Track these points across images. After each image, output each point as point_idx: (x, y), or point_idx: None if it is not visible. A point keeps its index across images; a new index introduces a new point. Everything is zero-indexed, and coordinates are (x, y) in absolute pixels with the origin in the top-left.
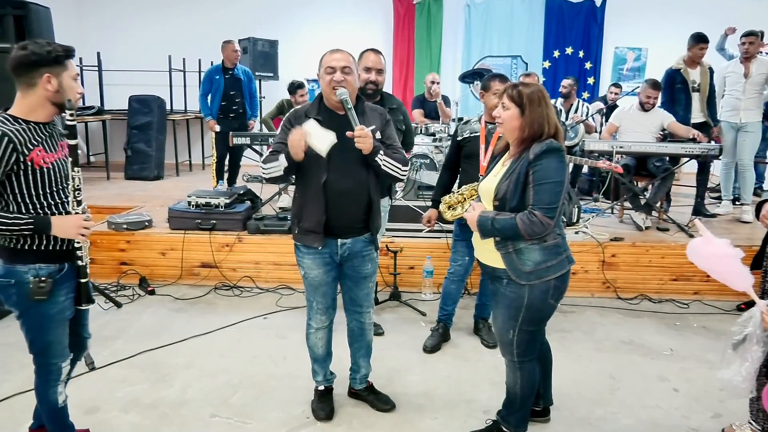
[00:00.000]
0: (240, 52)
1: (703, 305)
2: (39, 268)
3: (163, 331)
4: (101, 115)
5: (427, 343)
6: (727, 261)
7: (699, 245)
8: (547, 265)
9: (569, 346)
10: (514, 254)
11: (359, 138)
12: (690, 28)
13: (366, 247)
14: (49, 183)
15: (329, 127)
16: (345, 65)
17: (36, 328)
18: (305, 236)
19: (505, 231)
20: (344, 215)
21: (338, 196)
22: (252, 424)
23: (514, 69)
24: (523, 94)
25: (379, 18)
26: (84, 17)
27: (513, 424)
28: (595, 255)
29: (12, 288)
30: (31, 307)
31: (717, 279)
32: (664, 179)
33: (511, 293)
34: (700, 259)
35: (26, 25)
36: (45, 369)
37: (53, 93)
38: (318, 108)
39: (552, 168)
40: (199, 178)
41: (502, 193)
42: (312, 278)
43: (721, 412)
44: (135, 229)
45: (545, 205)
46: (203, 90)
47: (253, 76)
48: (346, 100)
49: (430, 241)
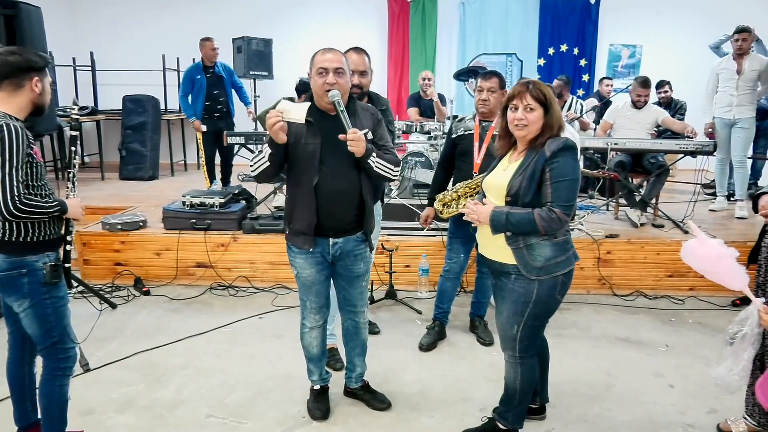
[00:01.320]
0: (218, 49)
1: (698, 301)
2: (47, 255)
3: (158, 331)
4: (95, 115)
5: (423, 341)
6: (722, 261)
7: (693, 247)
8: (557, 261)
9: (565, 343)
10: (525, 250)
11: (352, 141)
12: (684, 24)
13: (358, 246)
14: (42, 176)
15: (320, 129)
16: (338, 66)
17: (52, 313)
18: (296, 237)
19: (522, 226)
20: (336, 216)
21: (330, 198)
22: (248, 424)
23: (509, 66)
24: (546, 93)
25: (373, 16)
26: (77, 17)
27: (510, 421)
28: (590, 252)
29: (24, 278)
30: (44, 294)
31: (712, 280)
32: (659, 176)
33: (519, 288)
34: (695, 261)
35: (17, 24)
36: (64, 356)
37: (37, 95)
38: (309, 109)
39: (569, 165)
40: (194, 178)
41: (516, 189)
42: (305, 278)
43: (717, 408)
44: (130, 230)
45: (564, 202)
46: (184, 90)
47: (232, 70)
48: (338, 102)
49: (425, 239)
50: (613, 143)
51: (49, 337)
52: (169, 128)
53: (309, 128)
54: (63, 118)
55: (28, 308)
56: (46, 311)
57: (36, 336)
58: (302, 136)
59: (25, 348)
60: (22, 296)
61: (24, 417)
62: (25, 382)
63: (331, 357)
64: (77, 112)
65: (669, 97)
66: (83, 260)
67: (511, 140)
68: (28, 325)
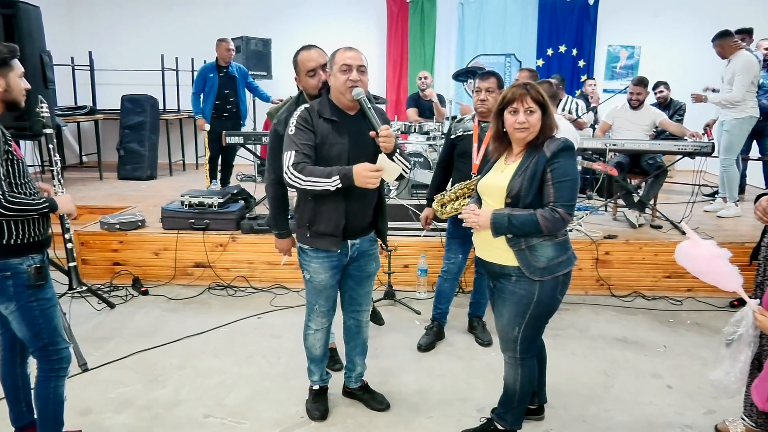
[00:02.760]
0: (234, 50)
1: (696, 302)
2: (31, 257)
3: (156, 331)
4: (93, 114)
5: (422, 341)
6: (716, 262)
7: (686, 248)
8: (559, 261)
9: (563, 344)
10: (528, 251)
11: (384, 138)
12: (683, 26)
13: (372, 246)
14: (25, 174)
15: (344, 129)
16: (360, 64)
17: (40, 315)
18: (319, 240)
19: (525, 227)
20: (358, 217)
21: (357, 199)
22: (246, 424)
23: (507, 67)
24: (544, 96)
25: (372, 16)
26: (76, 16)
27: (509, 422)
28: (588, 252)
29: (8, 281)
30: (31, 296)
31: (706, 281)
32: (657, 177)
33: (521, 290)
34: (688, 262)
35: (15, 24)
36: (57, 357)
37: (2, 92)
38: (329, 107)
39: (570, 165)
40: (193, 178)
41: (516, 190)
42: (317, 282)
43: (714, 408)
44: (128, 230)
45: (566, 202)
46: (196, 88)
47: (247, 72)
48: (365, 99)
49: (424, 239)
50: (611, 144)
51: (40, 339)
52: (167, 128)
53: (333, 127)
54: (62, 117)
55: (15, 311)
56: (33, 314)
57: (26, 339)
58: (328, 135)
59: (17, 349)
60: (8, 299)
61: (19, 418)
62: (18, 384)
63: (330, 358)
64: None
65: (665, 97)
66: (81, 260)
67: (505, 143)
68: (18, 328)
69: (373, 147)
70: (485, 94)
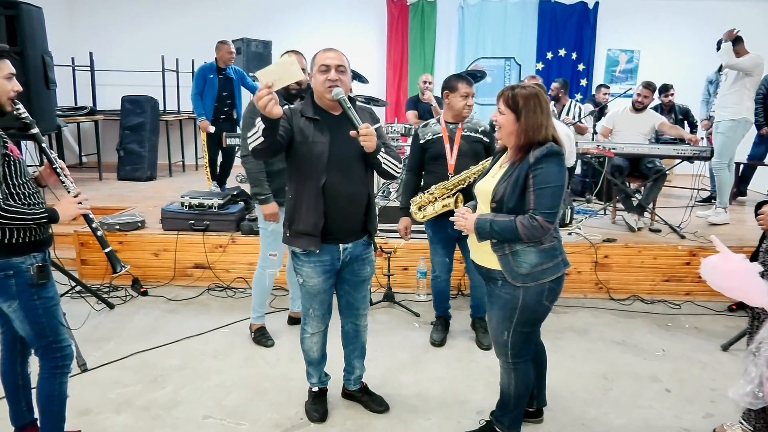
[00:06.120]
0: (235, 53)
1: (695, 306)
2: (33, 256)
3: (155, 332)
4: (93, 115)
5: (435, 336)
6: (748, 277)
7: (717, 263)
8: (543, 268)
9: (562, 347)
10: (511, 256)
11: (365, 136)
12: (682, 30)
13: (365, 250)
14: (24, 173)
15: (326, 128)
16: (339, 64)
17: (43, 314)
18: (298, 239)
19: (504, 233)
20: (345, 218)
21: (339, 199)
22: (245, 425)
23: (507, 70)
24: (519, 100)
25: (372, 19)
26: (77, 17)
27: (506, 425)
28: (587, 256)
29: (11, 279)
30: (33, 294)
31: (733, 297)
32: (656, 180)
33: (505, 294)
34: (718, 276)
35: (18, 25)
36: (60, 354)
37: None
38: (312, 107)
39: (553, 172)
40: (192, 179)
41: (500, 195)
42: (311, 286)
43: (713, 412)
44: (127, 230)
45: (546, 210)
46: (197, 88)
47: (244, 72)
48: (344, 99)
49: (422, 242)
50: (611, 147)
51: (43, 337)
52: (167, 129)
53: (315, 126)
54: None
55: (18, 310)
56: (36, 312)
57: (29, 337)
58: (309, 134)
59: (17, 348)
60: (11, 298)
61: (19, 417)
62: (18, 383)
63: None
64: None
65: (672, 101)
66: (81, 260)
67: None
68: (20, 326)
69: (356, 146)
70: (472, 99)
